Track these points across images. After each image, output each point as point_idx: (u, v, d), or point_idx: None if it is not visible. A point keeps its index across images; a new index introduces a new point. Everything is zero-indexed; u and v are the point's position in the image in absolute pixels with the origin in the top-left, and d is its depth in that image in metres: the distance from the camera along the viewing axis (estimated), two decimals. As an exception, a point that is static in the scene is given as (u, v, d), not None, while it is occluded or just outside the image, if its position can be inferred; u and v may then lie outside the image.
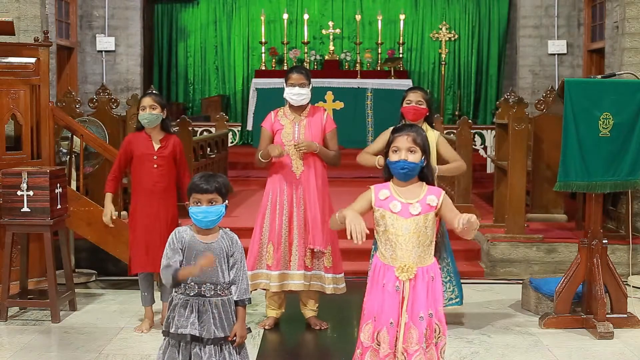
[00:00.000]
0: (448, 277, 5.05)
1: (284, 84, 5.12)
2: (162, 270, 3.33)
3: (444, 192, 3.33)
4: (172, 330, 3.31)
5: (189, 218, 3.30)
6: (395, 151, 3.26)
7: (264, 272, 5.06)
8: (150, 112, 5.03)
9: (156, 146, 5.09)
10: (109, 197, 5.18)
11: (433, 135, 4.92)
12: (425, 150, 3.28)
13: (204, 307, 3.29)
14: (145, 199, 5.08)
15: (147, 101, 5.06)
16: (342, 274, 5.19)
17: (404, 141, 3.24)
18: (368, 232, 3.09)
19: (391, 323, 3.22)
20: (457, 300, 5.18)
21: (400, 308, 3.22)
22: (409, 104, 4.97)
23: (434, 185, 3.36)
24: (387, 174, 3.35)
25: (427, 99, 4.99)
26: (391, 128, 4.99)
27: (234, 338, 3.33)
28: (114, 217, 5.25)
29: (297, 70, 5.17)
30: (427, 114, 5.02)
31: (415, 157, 3.24)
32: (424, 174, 3.31)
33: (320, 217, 5.05)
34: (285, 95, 5.11)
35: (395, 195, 3.27)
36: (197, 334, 3.28)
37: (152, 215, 5.06)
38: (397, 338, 3.22)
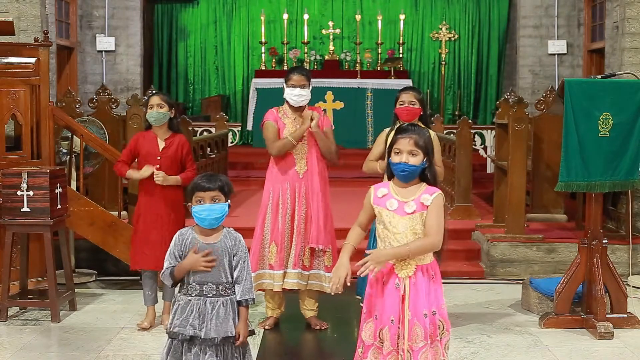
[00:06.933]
0: None
1: (284, 85, 5.12)
2: (162, 276, 3.37)
3: (438, 193, 3.29)
4: (172, 330, 3.32)
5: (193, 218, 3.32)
6: (397, 153, 3.28)
7: (267, 272, 5.06)
8: (157, 111, 5.05)
9: (161, 146, 5.10)
10: (130, 172, 5.13)
11: None
12: (427, 152, 3.29)
13: (205, 308, 3.29)
14: (149, 199, 5.09)
15: (154, 100, 5.08)
16: None
17: (405, 144, 3.26)
18: (349, 284, 3.31)
19: (392, 320, 3.24)
20: None
21: (401, 305, 3.24)
22: (401, 105, 4.95)
23: (435, 185, 3.36)
24: (389, 172, 3.37)
25: (419, 99, 4.96)
26: (386, 130, 5.03)
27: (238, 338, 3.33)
28: (151, 170, 5.06)
29: (298, 71, 5.17)
30: (422, 113, 5.00)
31: (416, 160, 3.26)
32: (425, 175, 3.32)
33: (323, 216, 5.06)
34: (285, 95, 5.11)
35: (393, 193, 3.30)
36: (195, 335, 3.28)
37: (155, 215, 5.07)
38: (398, 335, 3.23)
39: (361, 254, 3.45)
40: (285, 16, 13.60)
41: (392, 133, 3.62)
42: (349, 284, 3.31)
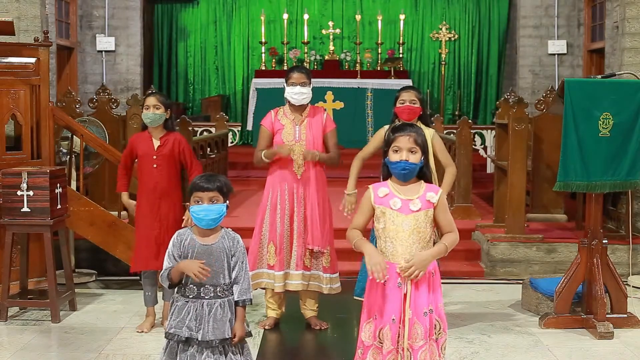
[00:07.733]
0: None
1: (285, 84, 5.12)
2: (160, 278, 3.38)
3: (441, 190, 3.37)
4: (168, 331, 3.32)
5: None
6: (396, 151, 3.27)
7: (265, 272, 5.06)
8: (153, 112, 5.06)
9: (156, 145, 5.10)
10: (124, 195, 5.24)
11: (427, 133, 4.92)
12: (424, 150, 3.30)
13: (202, 310, 3.29)
14: (147, 199, 5.08)
15: (150, 101, 5.08)
16: (337, 274, 5.20)
17: (405, 141, 3.26)
18: (388, 266, 3.23)
19: (393, 320, 3.23)
20: None
21: (402, 304, 3.23)
22: (402, 103, 4.96)
23: (431, 183, 3.37)
24: (385, 172, 3.36)
25: (420, 98, 4.99)
26: (385, 127, 5.03)
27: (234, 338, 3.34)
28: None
29: (298, 69, 5.17)
30: (421, 112, 5.01)
31: (416, 158, 3.26)
32: (423, 173, 3.33)
33: (321, 217, 5.06)
34: (286, 94, 5.10)
35: (395, 192, 3.30)
36: (191, 336, 3.27)
37: (155, 215, 5.06)
38: (399, 334, 3.23)
39: (356, 254, 3.44)
40: (285, 16, 13.61)
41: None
42: (388, 266, 3.26)
